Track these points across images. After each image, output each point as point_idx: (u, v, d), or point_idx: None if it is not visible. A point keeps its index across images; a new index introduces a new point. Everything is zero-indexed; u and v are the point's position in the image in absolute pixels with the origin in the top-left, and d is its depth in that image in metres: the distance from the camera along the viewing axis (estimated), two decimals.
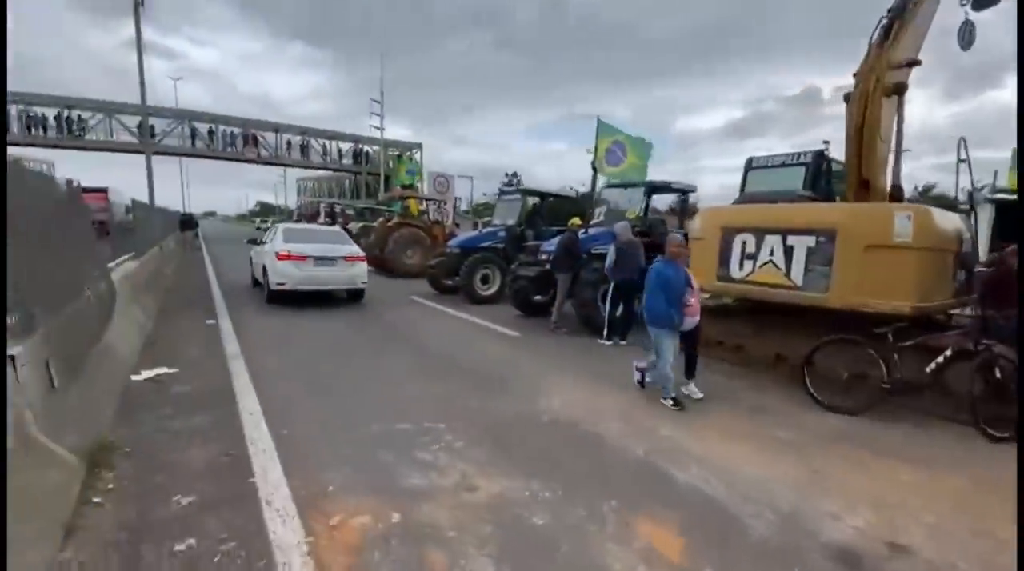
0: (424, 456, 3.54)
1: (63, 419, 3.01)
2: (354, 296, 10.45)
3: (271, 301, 9.60)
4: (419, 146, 42.49)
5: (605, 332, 7.62)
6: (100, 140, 29.99)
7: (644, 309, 5.14)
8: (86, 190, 5.39)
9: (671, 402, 4.78)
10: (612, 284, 7.61)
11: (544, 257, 8.85)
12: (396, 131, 40.25)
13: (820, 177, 7.74)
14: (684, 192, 9.94)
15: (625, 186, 9.71)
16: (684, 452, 3.83)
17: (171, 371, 5.13)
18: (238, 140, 33.97)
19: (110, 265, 6.57)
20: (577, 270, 8.21)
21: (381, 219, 17.91)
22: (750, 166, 8.37)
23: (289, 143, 36.25)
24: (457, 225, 21.19)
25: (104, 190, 11.47)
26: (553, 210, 13.22)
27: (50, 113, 28.72)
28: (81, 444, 3.02)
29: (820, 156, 7.84)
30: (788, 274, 5.46)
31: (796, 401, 5.02)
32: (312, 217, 39.02)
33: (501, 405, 4.67)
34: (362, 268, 10.15)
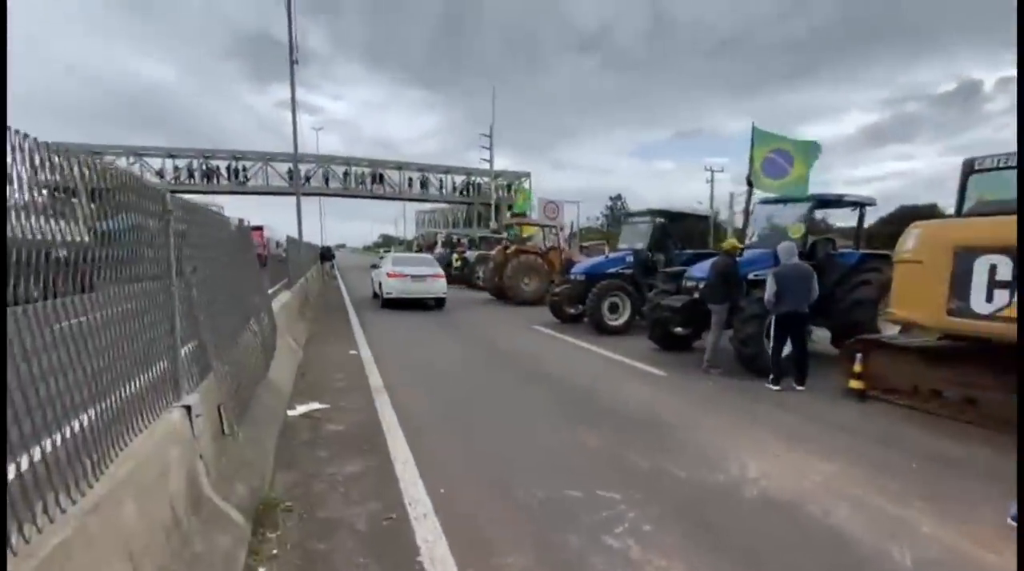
0: (611, 542, 2.84)
1: (232, 469, 2.82)
2: (439, 302, 13.61)
3: (384, 306, 13.24)
4: (527, 174, 43.34)
5: (772, 376, 6.41)
6: (259, 185, 34.57)
7: None
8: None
9: None
10: (773, 318, 6.44)
11: (691, 285, 7.85)
12: (500, 161, 41.64)
13: None
14: (861, 206, 8.35)
15: (784, 202, 8.38)
16: (971, 565, 2.70)
17: (323, 406, 5.07)
18: (367, 179, 37.19)
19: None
20: (735, 300, 7.12)
21: (499, 247, 17.95)
22: (971, 169, 6.69)
23: (410, 179, 38.94)
24: (585, 248, 20.49)
25: (260, 228, 12.76)
26: (679, 232, 12.17)
27: (223, 164, 33.84)
28: (247, 499, 2.81)
29: None
30: None
31: None
32: (430, 247, 41.21)
33: (680, 468, 3.85)
34: (442, 283, 13.52)
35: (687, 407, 5.50)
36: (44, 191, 1.59)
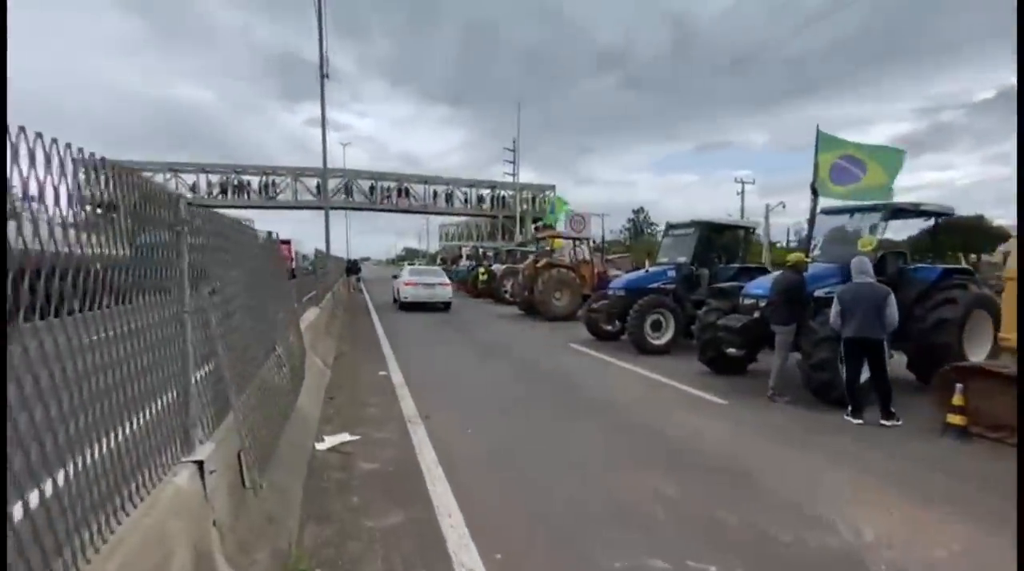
0: None
1: (253, 532, 2.33)
2: (446, 305, 16.74)
3: (401, 309, 16.58)
4: (552, 187, 43.02)
5: (850, 407, 5.68)
6: (288, 200, 35.00)
7: None
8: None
9: None
10: (842, 341, 5.73)
11: (750, 303, 7.17)
12: (524, 176, 41.33)
13: None
14: (938, 216, 7.57)
15: (851, 211, 7.62)
16: None
17: (353, 438, 4.57)
18: (393, 193, 37.34)
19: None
20: (802, 321, 6.42)
21: (528, 261, 17.43)
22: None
23: (435, 193, 38.96)
24: (609, 262, 19.59)
25: (288, 241, 12.56)
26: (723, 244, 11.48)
27: (254, 180, 34.41)
28: (270, 567, 2.30)
29: None
30: None
31: None
32: (455, 260, 41.07)
33: (780, 529, 3.20)
34: (448, 290, 16.85)
35: (763, 444, 4.82)
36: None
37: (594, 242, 24.58)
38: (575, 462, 4.25)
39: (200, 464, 1.95)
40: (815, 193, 7.60)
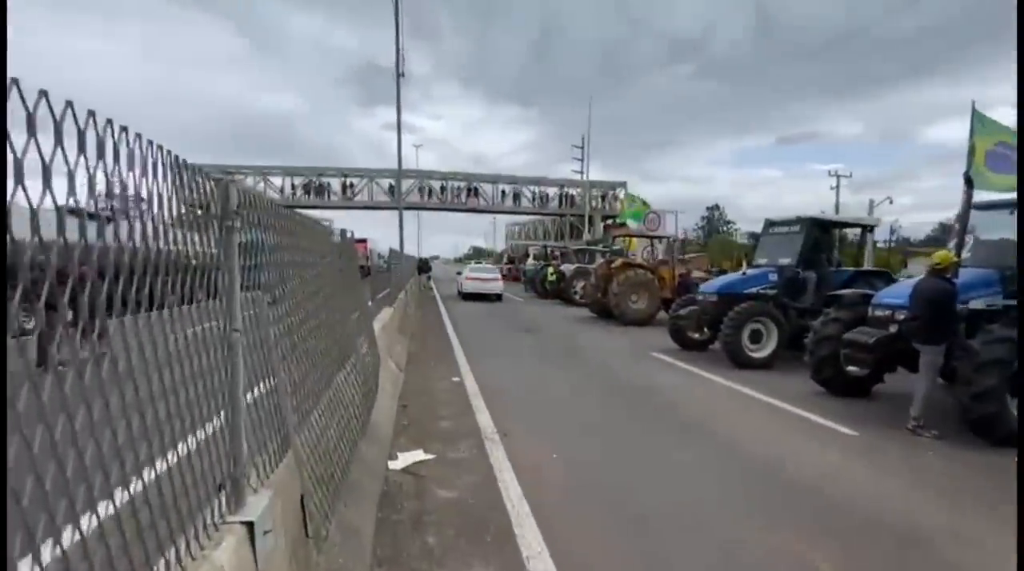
0: None
1: None
2: (497, 297, 20.47)
3: (463, 299, 20.45)
4: (623, 184, 41.50)
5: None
6: (364, 200, 36.29)
7: None
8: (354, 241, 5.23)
9: None
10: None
11: (885, 315, 6.03)
12: (591, 173, 39.93)
13: None
14: None
15: (1012, 206, 6.20)
16: None
17: (428, 457, 4.15)
18: (462, 193, 37.63)
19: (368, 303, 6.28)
20: (954, 338, 5.26)
21: (602, 261, 16.57)
22: None
23: (503, 192, 38.81)
24: (684, 262, 17.69)
25: (364, 241, 12.67)
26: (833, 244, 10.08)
27: (334, 181, 36.02)
28: None
29: None
30: None
31: None
32: (522, 258, 40.75)
33: None
34: (499, 284, 20.93)
35: (923, 496, 3.84)
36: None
37: (680, 239, 23.08)
38: (684, 505, 3.54)
39: (251, 526, 1.53)
40: (969, 183, 6.25)
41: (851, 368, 6.62)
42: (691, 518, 3.36)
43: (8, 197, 0.87)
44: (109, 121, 1.06)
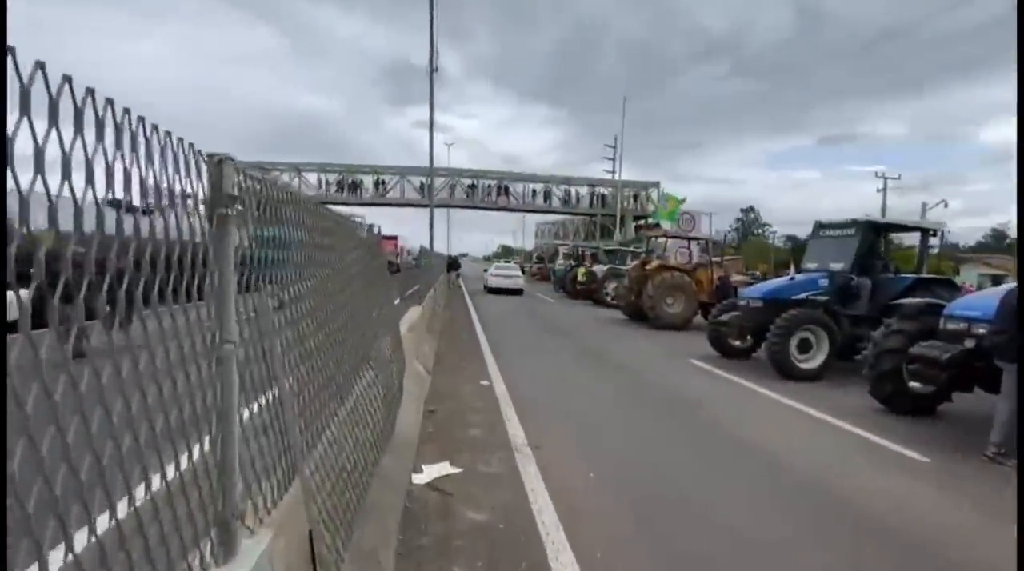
0: None
1: None
2: (518, 291, 23.16)
3: (488, 292, 22.85)
4: (656, 184, 40.53)
5: None
6: (396, 197, 36.54)
7: None
8: (384, 237, 5.02)
9: None
10: None
11: (960, 328, 5.42)
12: (623, 173, 39.07)
13: None
14: None
15: None
16: None
17: (455, 471, 3.86)
18: (493, 191, 37.44)
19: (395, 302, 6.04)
20: None
21: (635, 262, 16.02)
22: None
23: (534, 191, 38.44)
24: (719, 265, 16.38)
25: (395, 237, 12.54)
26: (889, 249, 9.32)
27: (367, 179, 36.39)
28: None
29: None
30: None
31: None
32: (552, 257, 40.26)
33: None
34: (520, 280, 24.20)
35: (1011, 536, 3.32)
36: None
37: (723, 239, 22.22)
38: (745, 544, 3.12)
39: None
40: None
41: (915, 384, 6.04)
42: (755, 563, 2.96)
43: (25, 187, 0.76)
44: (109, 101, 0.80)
